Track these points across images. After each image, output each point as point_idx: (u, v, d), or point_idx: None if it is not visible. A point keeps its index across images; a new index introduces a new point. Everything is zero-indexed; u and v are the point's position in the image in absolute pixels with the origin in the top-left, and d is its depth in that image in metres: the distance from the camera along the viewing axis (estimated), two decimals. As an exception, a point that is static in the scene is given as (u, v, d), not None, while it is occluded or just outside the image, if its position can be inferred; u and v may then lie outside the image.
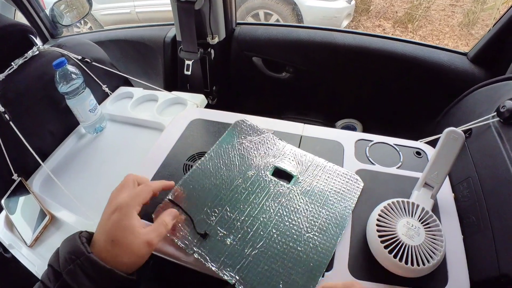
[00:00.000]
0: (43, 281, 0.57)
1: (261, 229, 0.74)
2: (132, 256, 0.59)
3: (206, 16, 1.60)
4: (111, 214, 0.61)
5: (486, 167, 0.86)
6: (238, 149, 0.91)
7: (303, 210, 0.77)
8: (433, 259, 0.64)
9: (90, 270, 0.55)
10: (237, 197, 0.80)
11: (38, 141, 1.17)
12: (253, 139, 0.94)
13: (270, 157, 0.89)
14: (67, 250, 0.58)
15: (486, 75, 1.35)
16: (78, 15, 2.05)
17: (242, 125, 0.98)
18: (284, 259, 0.69)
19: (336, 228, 0.74)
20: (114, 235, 0.59)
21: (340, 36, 1.61)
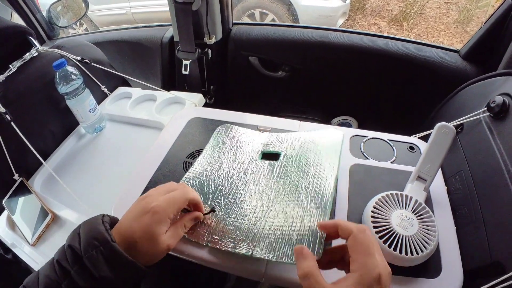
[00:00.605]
0: (59, 260, 0.56)
1: (262, 203, 0.77)
2: (151, 255, 0.59)
3: (203, 16, 1.62)
4: (143, 215, 0.60)
5: (477, 160, 0.88)
6: (226, 149, 0.94)
7: (295, 175, 0.81)
8: (427, 249, 0.66)
9: (112, 259, 0.55)
10: (236, 186, 0.82)
11: (39, 141, 1.18)
12: (237, 136, 0.97)
13: (256, 147, 0.94)
14: (90, 234, 0.57)
15: (478, 71, 1.36)
16: (75, 16, 2.06)
17: (222, 130, 1.01)
18: (289, 217, 0.71)
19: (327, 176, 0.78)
20: (139, 237, 0.58)
21: (334, 35, 1.63)
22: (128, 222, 0.60)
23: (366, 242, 0.51)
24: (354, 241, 0.52)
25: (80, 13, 2.05)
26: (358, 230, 0.52)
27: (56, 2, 1.93)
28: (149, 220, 0.59)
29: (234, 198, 0.79)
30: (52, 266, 0.56)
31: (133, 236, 0.58)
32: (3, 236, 1.06)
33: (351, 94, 1.79)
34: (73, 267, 0.54)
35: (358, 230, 0.52)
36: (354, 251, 0.51)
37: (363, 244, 0.51)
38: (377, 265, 0.48)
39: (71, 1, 2.02)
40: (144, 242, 0.58)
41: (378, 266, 0.48)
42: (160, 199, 0.62)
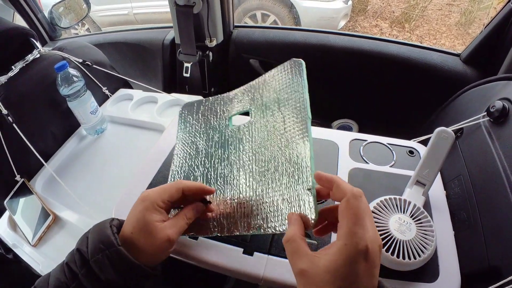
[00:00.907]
0: (68, 263, 0.57)
1: (250, 175, 0.72)
2: (152, 249, 0.58)
3: (204, 19, 1.62)
4: (136, 206, 0.61)
5: (477, 165, 0.88)
6: (195, 129, 0.89)
7: (267, 134, 0.74)
8: (424, 253, 0.66)
9: (118, 263, 0.55)
10: (220, 165, 0.78)
11: (41, 143, 1.18)
12: (200, 112, 0.92)
13: (224, 113, 0.88)
14: (98, 238, 0.57)
15: (478, 75, 1.36)
16: (77, 17, 2.06)
17: (184, 111, 0.96)
18: (275, 186, 0.66)
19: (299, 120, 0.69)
20: (133, 227, 0.59)
21: (335, 38, 1.63)
22: (128, 219, 0.61)
23: (359, 209, 0.46)
24: (346, 205, 0.47)
25: (82, 14, 2.05)
26: (352, 194, 0.47)
27: (58, 3, 1.93)
28: (139, 208, 0.60)
29: (224, 179, 0.75)
30: (62, 268, 0.58)
31: (130, 232, 0.59)
32: (5, 237, 1.07)
33: (351, 97, 1.79)
34: (81, 270, 0.55)
35: (353, 194, 0.47)
36: (344, 217, 0.46)
37: (354, 210, 0.46)
38: (366, 236, 0.43)
39: (73, 2, 2.02)
40: (140, 235, 0.58)
41: (366, 238, 0.43)
42: (152, 189, 0.63)
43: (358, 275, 0.42)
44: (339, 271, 0.43)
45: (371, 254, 0.43)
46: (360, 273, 0.42)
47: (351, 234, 0.44)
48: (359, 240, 0.43)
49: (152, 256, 0.59)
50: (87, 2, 1.98)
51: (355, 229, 0.44)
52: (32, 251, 1.00)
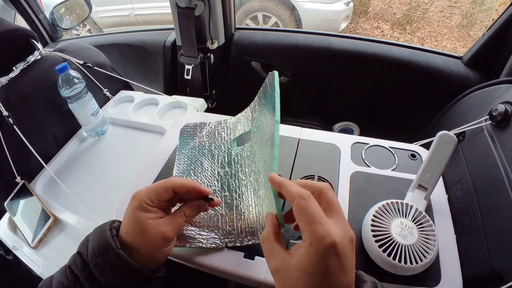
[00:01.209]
0: (70, 266, 0.57)
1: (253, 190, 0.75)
2: (148, 248, 0.57)
3: (205, 21, 1.62)
4: (128, 206, 0.60)
5: (479, 169, 0.88)
6: (200, 146, 0.93)
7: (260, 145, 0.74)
8: (426, 258, 0.66)
9: (117, 266, 0.54)
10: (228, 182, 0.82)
11: (41, 145, 1.18)
12: (204, 133, 0.97)
13: (227, 136, 0.93)
14: (97, 242, 0.56)
15: (480, 78, 1.36)
16: (78, 18, 2.06)
17: (187, 129, 1.00)
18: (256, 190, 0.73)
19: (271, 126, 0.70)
20: (127, 226, 0.58)
21: (337, 40, 1.63)
22: (122, 222, 0.60)
23: (309, 209, 0.46)
24: (297, 209, 0.47)
25: (84, 15, 2.05)
26: (299, 196, 0.47)
27: (60, 4, 1.94)
28: (129, 208, 0.59)
29: (232, 194, 0.79)
30: (65, 272, 0.57)
31: (125, 232, 0.58)
32: (5, 238, 1.07)
33: (352, 100, 1.79)
34: (82, 273, 0.55)
35: (300, 196, 0.47)
36: (300, 220, 0.47)
37: (306, 212, 0.46)
38: (328, 233, 0.43)
39: (74, 3, 2.02)
40: (133, 234, 0.57)
41: (329, 234, 0.43)
42: (143, 188, 0.62)
43: (329, 271, 0.43)
44: (309, 268, 0.43)
45: (341, 248, 0.43)
46: (331, 269, 0.43)
47: (312, 233, 0.44)
48: (323, 237, 0.43)
49: (149, 256, 0.58)
50: (88, 3, 1.98)
51: (313, 229, 0.44)
52: (32, 253, 1.00)
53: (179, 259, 0.74)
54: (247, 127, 0.89)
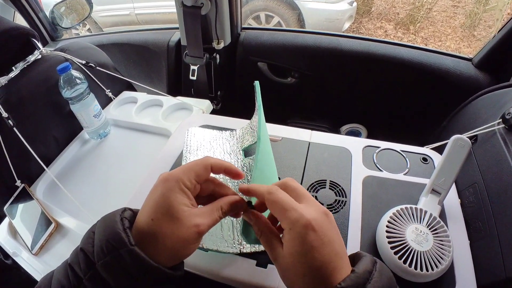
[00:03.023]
0: (71, 264, 0.48)
1: None
2: (175, 241, 0.48)
3: (212, 21, 1.61)
4: (155, 189, 0.51)
5: (492, 173, 0.87)
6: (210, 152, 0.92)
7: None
8: (442, 264, 0.65)
9: (131, 266, 0.45)
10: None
11: (42, 147, 1.17)
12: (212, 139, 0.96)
13: (236, 144, 0.94)
14: (105, 235, 0.48)
15: (491, 81, 1.35)
16: (78, 17, 2.04)
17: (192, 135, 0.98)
18: None
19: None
20: (154, 212, 0.49)
21: (346, 41, 1.62)
22: (143, 207, 0.51)
23: (280, 200, 0.49)
24: (269, 203, 0.51)
25: (84, 14, 2.03)
26: (267, 192, 0.51)
27: (60, 2, 1.92)
28: (160, 191, 0.50)
29: None
30: (66, 270, 0.49)
31: (149, 215, 0.49)
32: (4, 244, 1.05)
33: (360, 102, 1.78)
34: (85, 274, 0.46)
35: (268, 192, 0.51)
36: (274, 212, 0.50)
37: (276, 204, 0.49)
38: (301, 214, 0.47)
39: (75, 2, 2.01)
40: (162, 220, 0.48)
41: (303, 215, 0.47)
42: (174, 169, 0.53)
43: (313, 247, 0.45)
44: (297, 251, 0.46)
45: (316, 224, 0.47)
46: (314, 244, 0.46)
47: (288, 219, 0.48)
48: (297, 221, 0.47)
49: (174, 252, 0.49)
50: (89, 2, 1.97)
51: (287, 215, 0.48)
52: (33, 259, 0.98)
53: (189, 268, 0.73)
54: (254, 138, 0.90)
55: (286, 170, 0.91)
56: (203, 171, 0.54)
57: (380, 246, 0.71)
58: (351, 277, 0.45)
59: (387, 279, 0.46)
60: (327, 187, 0.86)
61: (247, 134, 0.93)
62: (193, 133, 0.97)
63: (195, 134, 0.97)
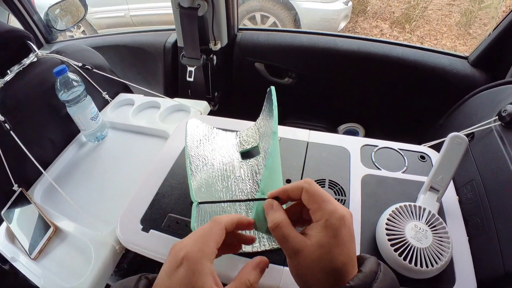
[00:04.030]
0: None
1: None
2: None
3: (209, 22, 1.61)
4: (176, 269, 0.44)
5: (489, 170, 0.87)
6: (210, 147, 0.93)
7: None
8: (441, 261, 0.66)
9: None
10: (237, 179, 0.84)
11: (39, 150, 1.16)
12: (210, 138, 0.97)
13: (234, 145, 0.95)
14: None
15: (487, 78, 1.36)
16: (73, 19, 2.03)
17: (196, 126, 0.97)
18: None
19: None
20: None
21: (342, 41, 1.62)
22: (163, 281, 0.45)
23: (319, 191, 0.51)
24: (309, 194, 0.52)
25: (79, 16, 2.02)
26: (307, 183, 0.53)
27: (54, 4, 1.90)
28: (184, 274, 0.43)
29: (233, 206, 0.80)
30: None
31: None
32: (2, 249, 1.03)
33: (358, 101, 1.79)
34: None
35: (307, 183, 0.53)
36: (312, 202, 0.51)
37: (317, 194, 0.51)
38: (338, 208, 0.49)
39: (69, 4, 1.99)
40: None
41: (338, 209, 0.49)
42: (189, 241, 0.47)
43: (344, 241, 0.48)
44: (330, 242, 0.47)
45: (348, 220, 0.49)
46: (345, 239, 0.48)
47: (327, 211, 0.49)
48: (335, 212, 0.49)
49: None
50: (84, 3, 1.96)
51: (327, 206, 0.49)
52: (32, 264, 0.96)
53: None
54: (254, 142, 0.92)
55: (285, 170, 0.91)
56: (220, 237, 0.49)
57: (380, 244, 0.71)
58: (359, 277, 0.46)
59: (390, 280, 0.48)
60: (326, 186, 0.87)
61: (252, 135, 0.94)
62: (196, 125, 0.97)
63: (197, 126, 0.97)
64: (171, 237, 0.81)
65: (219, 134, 0.99)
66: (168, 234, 0.81)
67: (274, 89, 0.79)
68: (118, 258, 0.94)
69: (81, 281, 0.86)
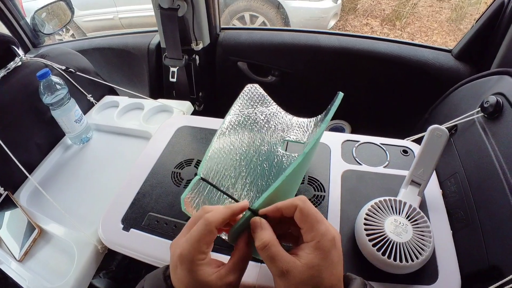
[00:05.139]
0: None
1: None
2: None
3: (189, 22, 1.60)
4: (176, 267, 0.51)
5: (472, 162, 0.87)
6: (250, 121, 0.88)
7: None
8: (422, 255, 0.65)
9: None
10: (256, 174, 0.79)
11: (24, 154, 1.16)
12: (263, 110, 0.93)
13: (280, 132, 0.90)
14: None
15: (471, 71, 1.35)
16: (60, 22, 2.03)
17: (253, 92, 0.94)
18: None
19: None
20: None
21: (324, 38, 1.61)
22: (173, 276, 0.52)
23: (312, 211, 0.50)
24: (302, 213, 0.50)
25: (66, 20, 2.02)
26: (301, 202, 0.51)
27: (41, 8, 1.90)
28: (182, 273, 0.50)
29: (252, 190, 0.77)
30: None
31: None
32: (-10, 253, 1.03)
33: (343, 98, 1.76)
34: None
35: (302, 201, 0.51)
36: (304, 222, 0.50)
37: (310, 214, 0.50)
38: (329, 229, 0.49)
39: (56, 7, 1.99)
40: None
41: (330, 231, 0.49)
42: (182, 241, 0.51)
43: (334, 263, 0.48)
44: (320, 264, 0.47)
45: (337, 242, 0.49)
46: (335, 260, 0.48)
47: (319, 233, 0.49)
48: (326, 234, 0.48)
49: None
50: (70, 7, 1.95)
51: (319, 227, 0.49)
52: (18, 266, 0.97)
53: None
54: (301, 137, 0.89)
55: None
56: (211, 237, 0.51)
57: (358, 239, 0.71)
58: None
59: None
60: (306, 183, 0.86)
61: (300, 128, 0.92)
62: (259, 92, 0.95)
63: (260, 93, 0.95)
64: (150, 235, 0.81)
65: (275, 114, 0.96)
66: (147, 232, 0.81)
67: (341, 95, 0.76)
68: (100, 258, 0.95)
69: (65, 281, 0.87)
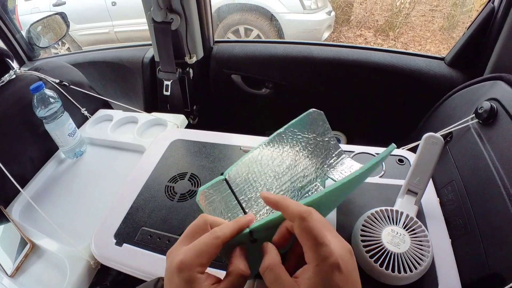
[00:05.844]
0: None
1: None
2: None
3: (183, 36, 1.60)
4: (172, 276, 0.47)
5: (469, 169, 0.87)
6: (301, 146, 0.85)
7: None
8: (420, 265, 0.64)
9: None
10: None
11: (17, 168, 1.15)
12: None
13: (325, 167, 0.84)
14: None
15: (464, 78, 1.35)
16: (56, 36, 2.03)
17: (315, 117, 0.92)
18: None
19: None
20: None
21: (317, 49, 1.61)
22: (166, 286, 0.49)
23: (313, 230, 0.44)
24: (300, 231, 0.45)
25: (61, 33, 2.02)
26: (300, 218, 0.45)
27: (36, 22, 1.91)
28: (179, 282, 0.46)
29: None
30: None
31: None
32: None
33: (337, 109, 1.77)
34: None
35: (301, 218, 0.45)
36: (303, 241, 0.45)
37: (309, 233, 0.44)
38: (332, 250, 0.43)
39: (51, 21, 1.99)
40: None
41: (333, 252, 0.42)
42: (183, 250, 0.48)
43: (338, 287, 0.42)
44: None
45: (343, 264, 0.42)
46: (340, 285, 0.42)
47: (317, 256, 0.43)
48: (327, 258, 0.42)
49: None
50: (66, 21, 1.96)
51: (318, 249, 0.43)
52: (10, 282, 0.96)
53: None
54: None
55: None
56: (215, 252, 0.48)
57: (355, 251, 0.69)
58: None
59: None
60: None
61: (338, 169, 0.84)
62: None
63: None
64: (143, 250, 0.80)
65: None
66: (141, 247, 0.80)
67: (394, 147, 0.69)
68: (93, 273, 0.94)
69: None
